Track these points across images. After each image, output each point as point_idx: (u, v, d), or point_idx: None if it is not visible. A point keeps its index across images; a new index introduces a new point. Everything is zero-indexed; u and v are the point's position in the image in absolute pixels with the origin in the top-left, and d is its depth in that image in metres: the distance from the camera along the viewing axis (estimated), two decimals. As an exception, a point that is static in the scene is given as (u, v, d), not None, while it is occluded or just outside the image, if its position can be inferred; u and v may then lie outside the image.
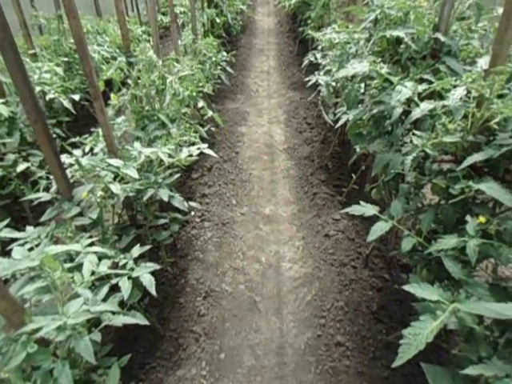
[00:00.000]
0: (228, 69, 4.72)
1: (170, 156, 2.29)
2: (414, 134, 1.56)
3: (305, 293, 2.83)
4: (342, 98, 2.65)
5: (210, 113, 3.23)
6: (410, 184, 1.63)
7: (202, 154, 4.46)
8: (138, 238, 2.55)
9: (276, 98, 6.10)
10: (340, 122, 2.05)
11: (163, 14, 9.45)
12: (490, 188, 1.26)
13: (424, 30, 1.93)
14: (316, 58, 3.90)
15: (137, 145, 2.26)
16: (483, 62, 1.56)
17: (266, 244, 3.29)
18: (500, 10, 2.14)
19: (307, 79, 3.92)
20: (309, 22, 5.21)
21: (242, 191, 3.95)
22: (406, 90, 1.60)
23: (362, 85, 2.05)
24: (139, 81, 2.54)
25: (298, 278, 2.96)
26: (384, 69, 1.75)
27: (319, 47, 4.20)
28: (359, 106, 1.96)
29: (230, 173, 4.20)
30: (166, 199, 2.06)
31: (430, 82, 1.80)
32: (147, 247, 1.99)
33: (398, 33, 1.83)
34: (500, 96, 1.44)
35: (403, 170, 1.62)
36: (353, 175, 3.33)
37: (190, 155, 2.24)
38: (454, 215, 1.45)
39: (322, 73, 3.81)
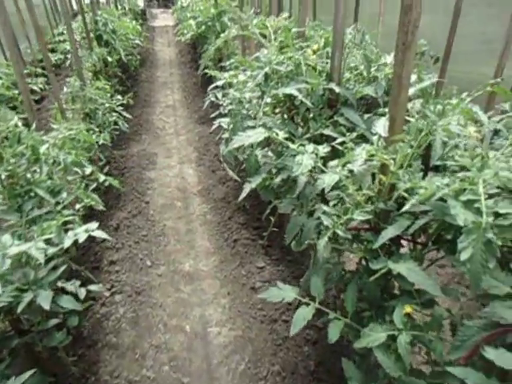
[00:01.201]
0: (125, 113, 4.35)
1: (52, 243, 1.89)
2: (323, 206, 1.43)
3: (237, 361, 2.56)
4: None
5: (102, 178, 2.85)
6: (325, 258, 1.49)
7: (106, 211, 3.97)
8: (26, 346, 2.08)
9: (184, 135, 5.84)
10: (243, 194, 1.88)
11: (52, 50, 8.66)
12: (411, 271, 1.16)
13: (317, 82, 1.85)
14: (217, 98, 3.75)
15: (5, 238, 1.83)
16: (382, 128, 1.49)
17: (189, 308, 2.97)
18: (388, 58, 2.19)
19: (213, 115, 3.76)
20: (205, 56, 5.08)
21: (157, 248, 3.58)
22: (306, 160, 1.47)
23: (262, 150, 1.91)
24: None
25: (229, 343, 2.69)
26: (281, 134, 1.61)
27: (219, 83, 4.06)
28: (262, 168, 1.81)
29: (140, 228, 3.81)
30: (46, 307, 1.66)
31: (333, 138, 1.71)
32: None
33: (290, 90, 1.72)
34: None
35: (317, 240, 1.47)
36: (271, 218, 3.19)
37: (76, 241, 1.87)
38: (378, 291, 1.33)
39: (226, 109, 3.65)
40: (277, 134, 1.58)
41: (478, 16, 3.85)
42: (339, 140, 1.68)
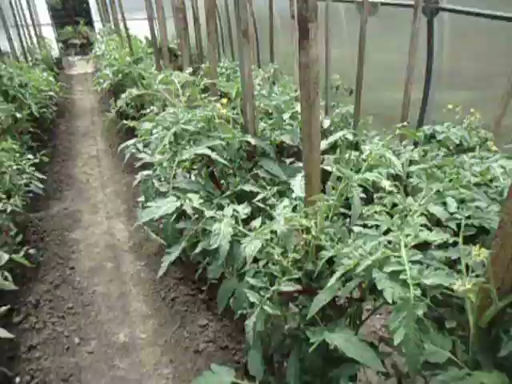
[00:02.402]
0: (37, 173, 3.99)
1: None
2: (247, 279, 1.33)
3: None
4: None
5: (6, 257, 2.50)
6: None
7: (24, 284, 3.51)
8: None
9: (111, 186, 5.52)
10: (161, 270, 1.72)
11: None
12: (348, 342, 1.08)
13: (232, 135, 1.80)
14: (138, 149, 3.57)
15: None
16: (298, 188, 1.45)
17: (127, 387, 2.65)
18: (298, 107, 2.23)
19: (138, 164, 3.56)
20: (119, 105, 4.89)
21: (86, 320, 3.21)
22: (225, 227, 1.37)
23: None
24: None
25: (175, 421, 2.41)
26: (195, 199, 1.51)
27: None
28: (182, 236, 1.67)
29: (65, 300, 3.41)
30: None
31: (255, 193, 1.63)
32: None
33: (202, 150, 1.64)
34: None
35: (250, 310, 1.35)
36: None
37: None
38: (320, 361, 1.24)
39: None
40: (190, 200, 1.47)
41: (379, 45, 4.15)
42: (260, 196, 1.62)
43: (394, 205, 1.24)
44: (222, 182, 1.93)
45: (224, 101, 1.90)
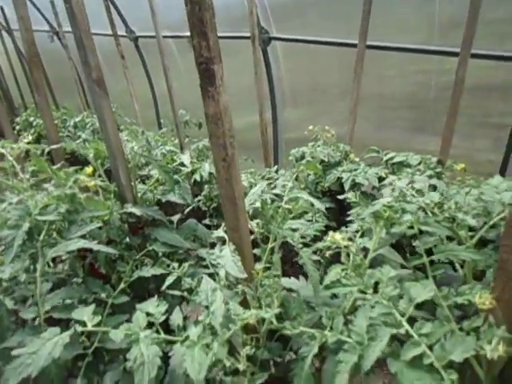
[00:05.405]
0: None
1: None
2: None
3: None
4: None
5: None
6: None
7: None
8: None
9: None
10: None
11: None
12: None
13: (109, 211, 1.38)
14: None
15: None
16: (231, 265, 1.15)
17: None
18: (184, 158, 1.93)
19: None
20: None
21: None
22: (147, 350, 0.98)
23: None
24: None
25: None
26: (89, 323, 1.05)
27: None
28: None
29: None
30: None
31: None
32: None
33: (78, 243, 1.18)
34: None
35: None
36: None
37: None
38: None
39: None
40: (83, 324, 0.99)
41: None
42: (170, 280, 1.26)
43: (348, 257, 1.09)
44: (107, 270, 1.47)
45: (89, 170, 1.46)
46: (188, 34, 0.90)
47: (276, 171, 3.05)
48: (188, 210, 1.78)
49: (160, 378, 1.10)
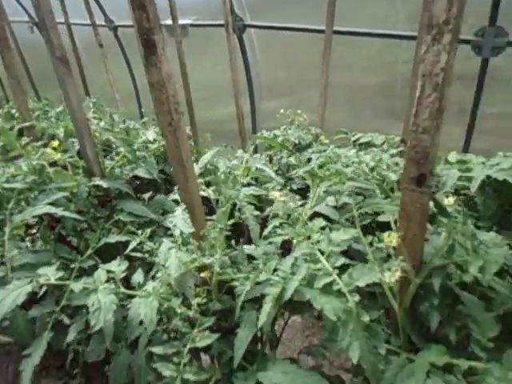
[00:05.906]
0: None
1: None
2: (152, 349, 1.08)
3: None
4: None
5: None
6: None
7: None
8: None
9: None
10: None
11: None
12: (291, 377, 0.96)
13: (76, 183, 1.47)
14: None
15: None
16: (182, 223, 1.25)
17: None
18: (149, 134, 2.02)
19: None
20: None
21: None
22: (104, 297, 1.07)
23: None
24: None
25: None
26: (52, 277, 1.14)
27: None
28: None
29: None
30: None
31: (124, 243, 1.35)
32: None
33: (43, 209, 1.27)
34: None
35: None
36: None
37: None
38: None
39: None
40: (45, 277, 1.09)
41: (195, 65, 4.24)
42: (133, 245, 1.36)
43: (289, 215, 1.20)
44: (76, 240, 1.56)
45: (55, 144, 1.54)
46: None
47: (250, 155, 3.15)
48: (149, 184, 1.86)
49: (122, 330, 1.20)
